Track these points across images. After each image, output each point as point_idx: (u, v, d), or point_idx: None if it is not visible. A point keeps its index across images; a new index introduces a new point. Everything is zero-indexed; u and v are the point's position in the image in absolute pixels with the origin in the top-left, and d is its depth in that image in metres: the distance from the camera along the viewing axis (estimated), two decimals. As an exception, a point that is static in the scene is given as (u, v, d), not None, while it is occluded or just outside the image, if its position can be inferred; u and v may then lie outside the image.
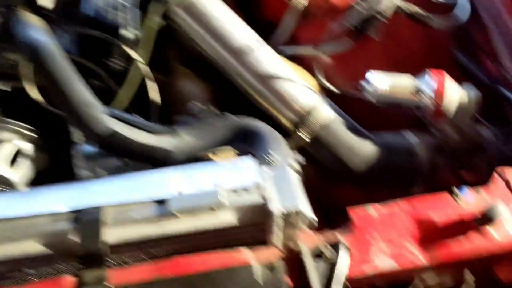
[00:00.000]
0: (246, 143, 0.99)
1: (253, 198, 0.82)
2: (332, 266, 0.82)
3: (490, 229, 0.88)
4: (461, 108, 1.02)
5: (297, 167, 0.92)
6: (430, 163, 1.07)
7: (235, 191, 0.83)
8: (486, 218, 0.86)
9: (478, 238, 0.87)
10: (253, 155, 0.91)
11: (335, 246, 0.84)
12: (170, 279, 0.79)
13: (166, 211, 0.80)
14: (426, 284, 0.97)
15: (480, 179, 0.98)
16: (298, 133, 1.08)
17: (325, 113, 1.09)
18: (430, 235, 0.87)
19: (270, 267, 0.82)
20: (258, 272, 0.81)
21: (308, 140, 1.08)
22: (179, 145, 0.99)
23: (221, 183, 0.83)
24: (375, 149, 1.07)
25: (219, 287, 0.79)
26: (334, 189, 1.15)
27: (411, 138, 1.10)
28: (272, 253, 0.84)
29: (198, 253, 0.82)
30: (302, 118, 1.08)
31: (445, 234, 0.87)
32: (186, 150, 0.99)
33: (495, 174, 0.95)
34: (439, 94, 1.02)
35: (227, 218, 0.82)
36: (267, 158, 0.90)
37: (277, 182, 0.85)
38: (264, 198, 0.82)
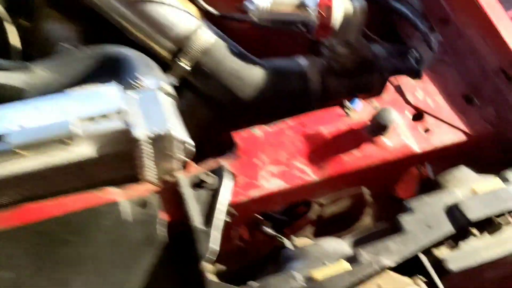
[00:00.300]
0: (113, 75, 0.86)
1: (114, 124, 0.70)
2: (214, 194, 0.72)
3: (383, 138, 0.81)
4: (347, 20, 0.95)
5: (170, 90, 0.80)
6: (321, 85, 1.00)
7: (91, 118, 0.70)
8: (377, 126, 0.80)
9: (371, 148, 0.81)
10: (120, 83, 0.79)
11: (217, 173, 0.75)
12: (17, 229, 0.65)
13: (4, 148, 0.66)
14: (325, 211, 0.91)
15: (373, 94, 0.92)
16: (178, 62, 0.96)
17: (205, 37, 0.97)
18: (321, 150, 0.79)
19: (142, 203, 0.70)
20: (127, 209, 0.69)
21: (189, 68, 0.96)
22: (33, 82, 0.84)
23: (74, 112, 0.70)
24: (264, 74, 0.98)
25: (79, 232, 0.67)
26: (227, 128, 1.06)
27: (302, 61, 1.02)
28: (145, 188, 0.72)
29: (56, 198, 0.69)
30: (181, 45, 0.97)
31: (337, 147, 0.80)
32: (41, 87, 0.85)
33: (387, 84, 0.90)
34: (323, 6, 0.94)
35: (83, 150, 0.69)
36: (133, 82, 0.78)
37: (144, 107, 0.74)
38: (126, 123, 0.70)
